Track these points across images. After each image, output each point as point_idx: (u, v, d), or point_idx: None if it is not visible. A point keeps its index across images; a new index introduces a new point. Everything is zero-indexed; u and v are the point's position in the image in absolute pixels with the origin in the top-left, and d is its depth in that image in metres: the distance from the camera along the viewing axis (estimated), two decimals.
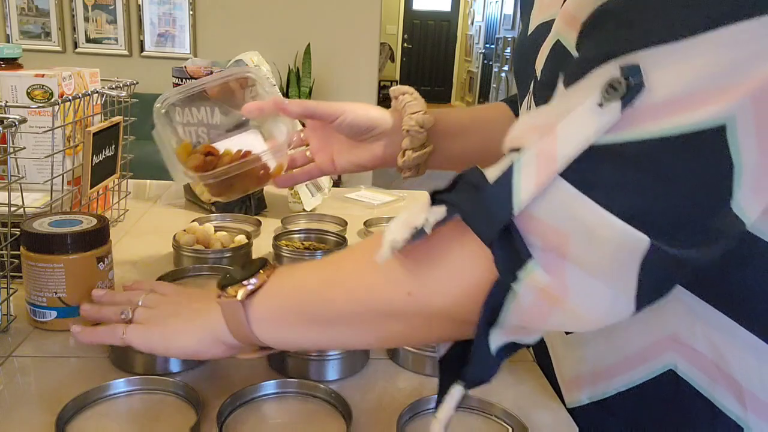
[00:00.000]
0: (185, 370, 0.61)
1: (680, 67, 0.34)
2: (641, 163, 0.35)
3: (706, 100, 0.34)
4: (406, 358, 0.64)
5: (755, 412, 0.50)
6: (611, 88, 0.35)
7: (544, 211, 0.36)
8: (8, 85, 0.81)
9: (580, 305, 0.37)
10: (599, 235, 0.36)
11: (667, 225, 0.36)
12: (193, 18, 3.77)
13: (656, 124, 0.35)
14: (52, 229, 0.65)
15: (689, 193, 0.36)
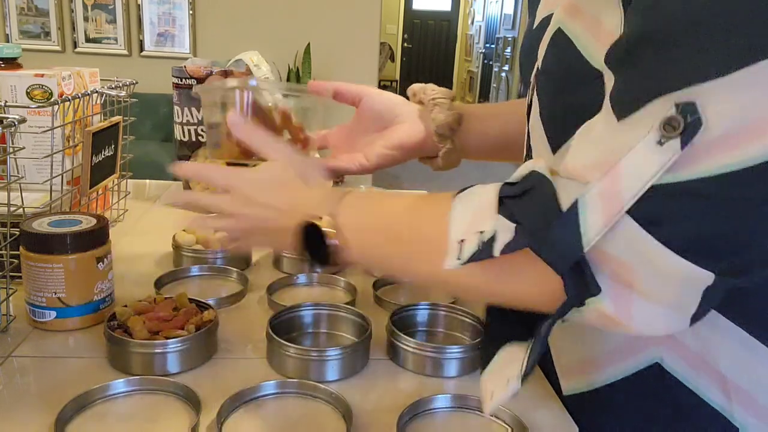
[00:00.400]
0: (185, 371, 0.61)
1: (734, 100, 0.34)
2: (706, 199, 0.36)
3: (763, 131, 0.34)
4: (406, 358, 0.64)
5: (740, 404, 0.50)
6: (669, 126, 0.36)
7: (612, 247, 0.38)
8: (8, 84, 0.81)
9: (641, 328, 0.41)
10: (665, 271, 0.38)
11: (735, 258, 0.38)
12: (193, 18, 3.77)
13: (717, 159, 0.35)
14: (51, 229, 0.65)
15: (753, 224, 0.37)
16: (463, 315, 0.72)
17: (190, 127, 1.09)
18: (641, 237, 0.37)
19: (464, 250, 0.43)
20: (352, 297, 0.78)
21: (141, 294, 0.76)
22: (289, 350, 0.61)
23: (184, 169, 0.63)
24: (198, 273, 0.84)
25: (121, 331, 0.61)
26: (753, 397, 0.51)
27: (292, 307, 0.70)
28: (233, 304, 0.76)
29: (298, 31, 3.75)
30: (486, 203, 0.44)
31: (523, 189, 0.42)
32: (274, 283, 0.80)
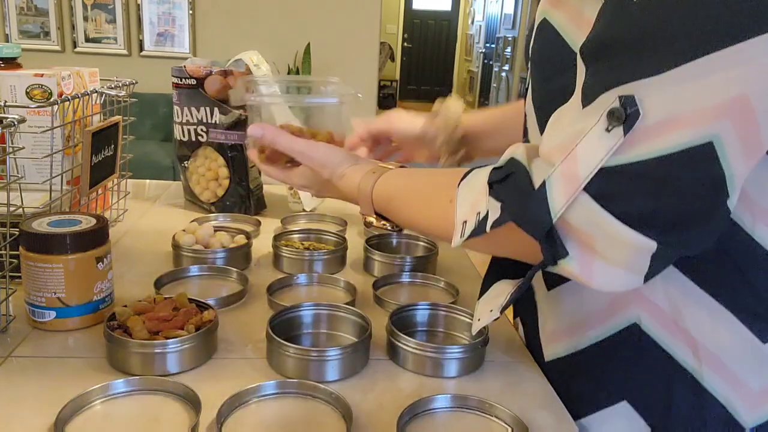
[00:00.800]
0: (184, 371, 0.61)
1: (666, 94, 0.41)
2: (645, 178, 0.43)
3: (691, 122, 0.41)
4: (406, 358, 0.64)
5: (709, 367, 0.54)
6: (613, 116, 0.43)
7: (574, 219, 0.45)
8: (7, 84, 0.81)
9: (601, 285, 0.47)
10: (617, 239, 0.44)
11: (674, 228, 0.44)
12: (193, 17, 3.77)
13: (652, 145, 0.42)
14: (51, 229, 0.65)
15: (691, 201, 0.43)
16: (463, 315, 0.72)
17: (189, 126, 1.09)
18: (596, 210, 0.44)
19: (466, 230, 0.52)
20: (352, 297, 0.78)
21: (141, 294, 0.76)
22: (289, 350, 0.61)
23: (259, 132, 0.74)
24: (198, 273, 0.84)
25: (121, 331, 0.61)
26: (721, 361, 0.54)
27: (292, 307, 0.70)
28: (233, 304, 0.76)
29: (298, 31, 3.75)
30: (481, 187, 0.52)
31: (505, 174, 0.50)
32: (274, 283, 0.79)
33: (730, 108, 0.40)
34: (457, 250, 1.02)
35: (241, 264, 0.88)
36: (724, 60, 0.39)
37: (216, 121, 1.07)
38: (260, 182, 1.13)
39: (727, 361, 0.54)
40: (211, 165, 1.09)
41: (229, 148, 1.07)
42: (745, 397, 0.54)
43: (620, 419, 0.59)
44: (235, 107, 0.87)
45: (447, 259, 0.96)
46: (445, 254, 0.97)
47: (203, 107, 1.07)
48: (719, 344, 0.53)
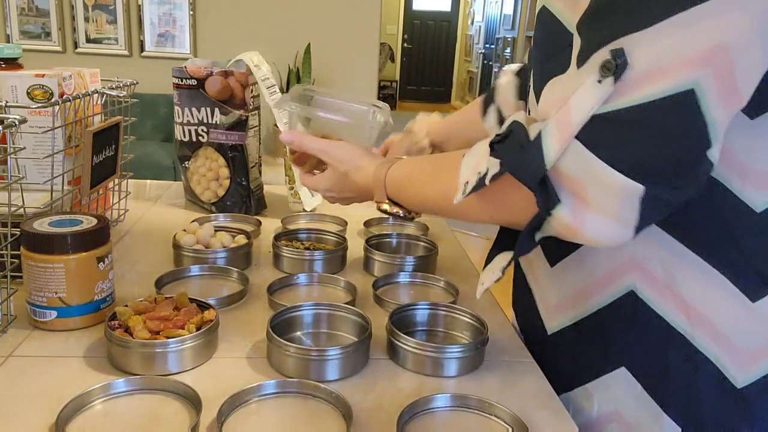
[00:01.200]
0: (185, 370, 0.61)
1: (653, 46, 0.45)
2: (633, 125, 0.46)
3: (674, 70, 0.44)
4: (406, 358, 0.64)
5: (701, 329, 0.56)
6: (605, 68, 0.46)
7: (566, 166, 0.48)
8: (8, 85, 0.81)
9: (592, 235, 0.50)
10: (606, 184, 0.47)
11: (660, 173, 0.47)
12: (193, 18, 3.77)
13: (639, 92, 0.45)
14: (52, 229, 0.65)
15: (675, 147, 0.46)
16: (462, 315, 0.73)
17: (190, 127, 1.09)
18: (587, 156, 0.47)
19: (467, 188, 0.56)
20: (352, 297, 0.78)
21: (141, 294, 0.76)
22: (289, 350, 0.61)
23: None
24: (198, 273, 0.84)
25: (122, 331, 0.62)
26: (712, 323, 0.55)
27: (292, 307, 0.70)
28: (233, 303, 0.77)
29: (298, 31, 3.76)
30: (483, 151, 0.56)
31: (505, 134, 0.53)
32: (274, 283, 0.80)
33: (708, 57, 0.44)
34: (458, 250, 1.02)
35: (241, 264, 0.88)
36: (701, 13, 0.43)
37: (216, 121, 1.07)
38: (261, 182, 1.13)
39: (718, 323, 0.55)
40: (211, 165, 1.10)
41: (230, 148, 1.07)
42: (736, 358, 0.56)
43: (619, 385, 0.61)
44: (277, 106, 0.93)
45: (447, 259, 0.96)
46: (445, 254, 0.98)
47: (204, 108, 1.07)
48: (711, 306, 0.55)
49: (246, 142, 1.07)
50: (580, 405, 0.65)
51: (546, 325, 0.68)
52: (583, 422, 0.63)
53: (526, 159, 0.50)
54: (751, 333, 0.55)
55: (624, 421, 0.62)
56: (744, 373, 0.56)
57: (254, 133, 1.09)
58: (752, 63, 0.45)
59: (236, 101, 1.05)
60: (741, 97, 0.46)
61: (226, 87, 1.05)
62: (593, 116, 0.47)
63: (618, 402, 0.62)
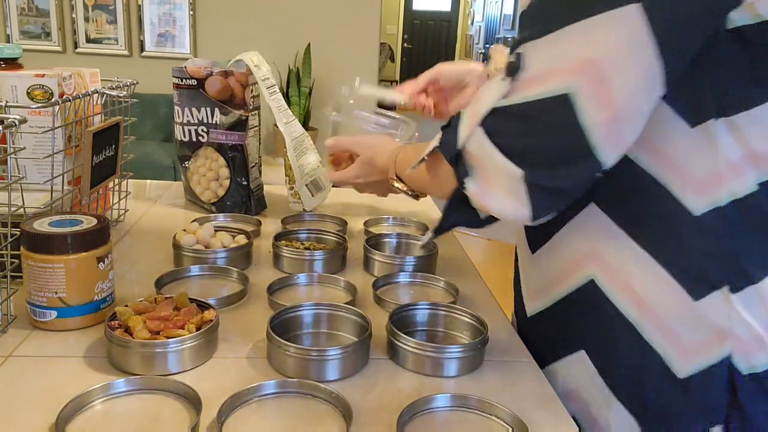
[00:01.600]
0: (185, 371, 0.61)
1: (543, 54, 0.53)
2: (520, 119, 0.55)
3: (552, 76, 0.52)
4: (406, 358, 0.64)
5: (649, 319, 0.60)
6: (508, 68, 0.56)
7: (471, 147, 0.58)
8: (8, 85, 0.82)
9: (493, 208, 0.59)
10: (496, 164, 0.56)
11: (537, 161, 0.55)
12: (193, 18, 3.77)
13: (527, 91, 0.54)
14: (52, 229, 0.65)
15: (552, 141, 0.54)
16: (462, 315, 0.73)
17: (190, 127, 1.09)
18: (485, 141, 0.56)
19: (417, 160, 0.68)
20: (352, 297, 0.78)
21: (141, 294, 0.76)
22: (289, 350, 0.61)
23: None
24: (198, 273, 0.84)
25: (122, 331, 0.62)
26: (659, 315, 0.59)
27: (292, 307, 0.70)
28: (233, 303, 0.77)
29: (298, 31, 3.75)
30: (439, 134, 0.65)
31: (450, 119, 0.63)
32: (274, 283, 0.80)
33: (582, 68, 0.51)
34: (458, 250, 1.02)
35: (241, 264, 0.88)
36: (581, 29, 0.51)
37: (216, 121, 1.07)
38: (261, 182, 1.13)
39: (664, 316, 0.59)
40: (211, 165, 1.10)
41: (230, 148, 1.07)
42: (679, 350, 0.59)
43: (578, 366, 0.66)
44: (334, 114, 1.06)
45: (447, 259, 0.96)
46: (445, 254, 0.98)
47: (204, 108, 1.07)
48: (657, 300, 0.59)
49: (246, 142, 1.07)
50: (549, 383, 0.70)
51: (526, 308, 0.74)
52: None
53: (447, 139, 0.61)
54: (693, 328, 0.58)
55: (581, 400, 0.66)
56: (686, 365, 0.59)
57: (254, 133, 1.09)
58: (623, 76, 0.51)
59: (236, 101, 1.05)
60: (615, 106, 0.51)
61: (226, 87, 1.05)
62: (493, 108, 0.56)
63: (577, 382, 0.67)
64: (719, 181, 0.55)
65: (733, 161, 0.54)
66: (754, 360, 0.58)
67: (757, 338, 0.57)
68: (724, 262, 0.57)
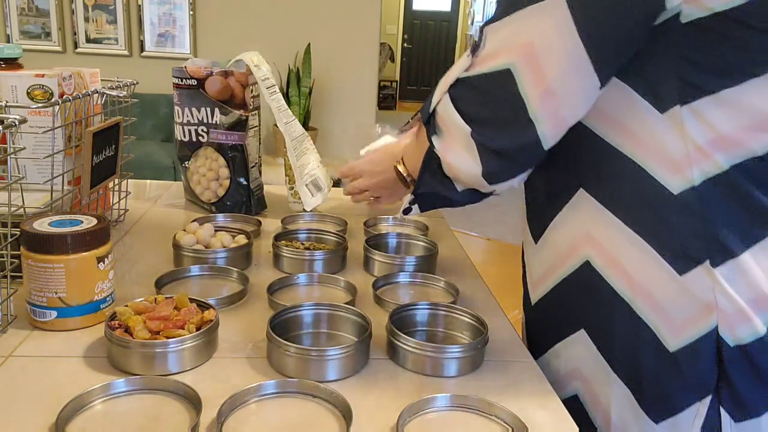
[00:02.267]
0: (185, 371, 0.61)
1: (496, 34, 0.62)
2: (475, 88, 0.64)
3: (500, 54, 0.61)
4: (406, 358, 0.64)
5: (641, 296, 0.63)
6: (473, 46, 0.65)
7: (439, 110, 0.68)
8: (8, 85, 0.81)
9: (452, 162, 0.68)
10: (455, 123, 0.66)
11: (483, 122, 0.64)
12: (193, 18, 3.77)
13: (482, 66, 0.63)
14: (52, 229, 0.65)
15: (497, 107, 0.63)
16: (462, 315, 0.73)
17: (190, 127, 1.09)
18: (449, 106, 0.66)
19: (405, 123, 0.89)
20: (352, 297, 0.78)
21: (141, 294, 0.76)
22: (289, 350, 0.61)
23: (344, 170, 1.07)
24: (198, 273, 0.84)
25: (122, 331, 0.62)
26: (650, 292, 0.63)
27: (292, 307, 0.70)
28: (233, 303, 0.77)
29: (298, 31, 3.75)
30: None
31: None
32: (274, 283, 0.80)
33: (518, 49, 0.60)
34: (458, 250, 1.02)
35: (241, 264, 0.88)
36: (523, 15, 0.59)
37: (216, 121, 1.07)
38: (261, 182, 1.13)
39: (654, 292, 0.62)
40: (211, 165, 1.10)
41: (230, 148, 1.07)
42: (669, 324, 0.62)
43: (579, 345, 0.70)
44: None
45: (447, 259, 0.96)
46: (445, 254, 0.98)
47: (204, 108, 1.07)
48: (648, 278, 0.62)
49: (246, 142, 1.07)
50: (552, 364, 0.74)
51: (531, 297, 0.77)
52: (552, 379, 0.68)
53: (425, 105, 0.71)
54: (680, 303, 0.61)
55: (584, 378, 0.70)
56: (676, 339, 0.62)
57: (254, 133, 1.09)
58: (553, 57, 0.58)
59: (236, 101, 1.05)
60: (550, 83, 0.59)
61: (226, 87, 1.05)
62: (457, 79, 0.65)
63: (579, 361, 0.70)
64: (690, 162, 0.59)
65: (701, 144, 0.58)
66: (738, 332, 0.60)
67: (740, 311, 0.60)
68: (704, 238, 0.60)
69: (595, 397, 0.69)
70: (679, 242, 0.61)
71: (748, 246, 0.60)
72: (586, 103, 0.61)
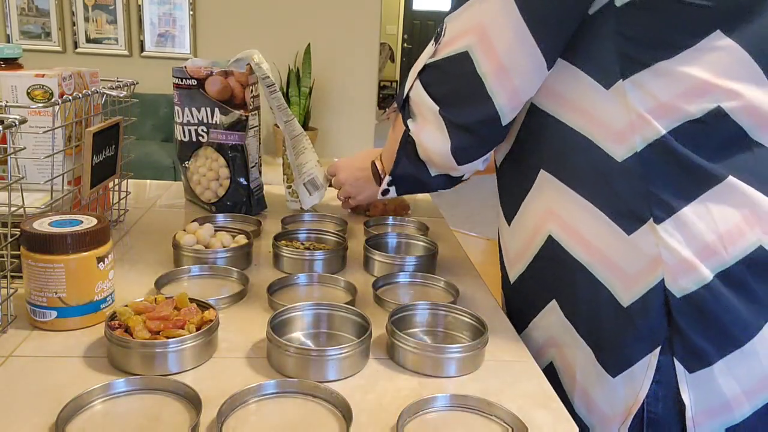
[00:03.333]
0: (185, 371, 0.61)
1: (454, 23, 0.71)
2: (440, 70, 0.73)
3: (457, 39, 0.71)
4: (406, 358, 0.64)
5: (595, 258, 0.69)
6: (436, 35, 0.75)
7: (412, 94, 0.78)
8: (8, 85, 0.81)
9: (424, 142, 0.78)
10: (424, 103, 0.75)
11: (448, 100, 0.74)
12: (193, 18, 3.77)
13: (444, 52, 0.72)
14: (52, 229, 0.65)
15: (458, 85, 0.72)
16: (462, 315, 0.73)
17: (190, 127, 1.09)
18: (421, 90, 0.76)
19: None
20: (352, 297, 0.78)
21: (141, 294, 0.76)
22: (289, 350, 0.61)
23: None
24: (198, 273, 0.84)
25: (122, 331, 0.62)
26: (603, 254, 0.68)
27: (292, 307, 0.70)
28: (233, 303, 0.77)
29: (298, 31, 3.75)
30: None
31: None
32: (274, 283, 0.80)
33: (472, 32, 0.69)
34: (458, 250, 1.02)
35: (241, 264, 0.88)
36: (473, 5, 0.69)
37: (216, 121, 1.07)
38: (261, 182, 1.13)
39: (607, 253, 0.68)
40: (211, 165, 1.10)
41: (230, 148, 1.07)
42: (622, 281, 0.67)
43: (551, 315, 0.75)
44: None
45: (447, 259, 0.96)
46: (445, 254, 0.98)
47: (204, 108, 1.07)
48: (601, 241, 0.68)
49: (246, 142, 1.07)
50: (531, 337, 0.79)
51: (509, 275, 0.83)
52: (533, 351, 0.73)
53: (400, 93, 0.79)
54: (631, 260, 0.66)
55: (557, 345, 0.75)
56: (628, 294, 0.67)
57: (254, 133, 1.09)
58: (500, 35, 0.67)
59: (236, 101, 1.05)
60: (501, 59, 0.68)
61: (226, 87, 1.05)
62: (424, 65, 0.75)
63: (552, 330, 0.75)
64: (633, 130, 0.64)
65: (642, 113, 0.64)
66: (683, 282, 0.64)
67: (683, 261, 0.64)
68: (647, 198, 0.65)
69: (565, 360, 0.74)
70: (625, 204, 0.66)
71: (687, 201, 0.64)
72: (536, 78, 0.69)
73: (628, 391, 0.68)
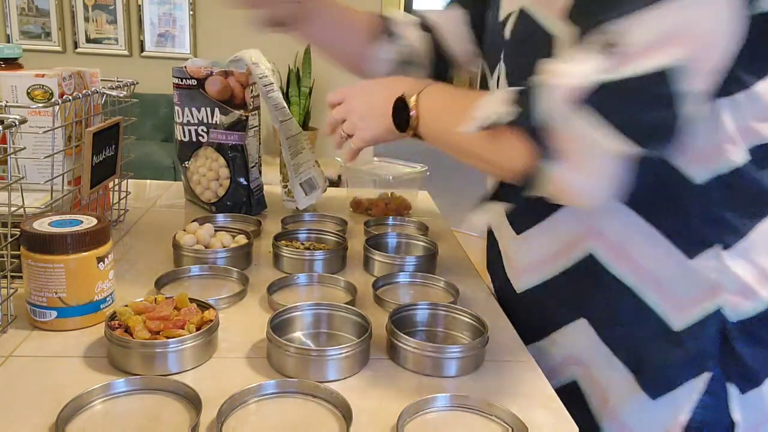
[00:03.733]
0: (185, 371, 0.61)
1: (638, 30, 0.53)
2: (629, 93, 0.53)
3: (661, 48, 0.52)
4: (406, 358, 0.64)
5: (647, 282, 0.66)
6: (606, 45, 0.53)
7: (570, 130, 0.55)
8: (8, 85, 0.82)
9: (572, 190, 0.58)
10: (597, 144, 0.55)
11: (661, 137, 0.56)
12: (193, 18, 3.77)
13: (635, 66, 0.53)
14: (52, 229, 0.65)
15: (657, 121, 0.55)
16: (462, 315, 0.73)
17: (190, 127, 1.09)
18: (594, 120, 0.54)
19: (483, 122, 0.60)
20: (352, 297, 0.78)
21: (141, 294, 0.76)
22: (289, 350, 0.61)
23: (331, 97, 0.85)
24: (198, 273, 0.84)
25: (122, 331, 0.62)
26: (657, 278, 0.65)
27: (292, 307, 0.70)
28: (233, 304, 0.77)
29: None
30: (501, 98, 0.61)
31: (527, 89, 0.58)
32: (274, 283, 0.80)
33: (686, 42, 0.52)
34: (458, 250, 1.02)
35: (241, 264, 0.88)
36: (678, 5, 0.52)
37: (216, 121, 1.07)
38: (261, 182, 1.13)
39: (661, 277, 0.65)
40: (211, 165, 1.10)
41: (230, 148, 1.07)
42: (675, 305, 0.65)
43: (579, 333, 0.72)
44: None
45: (447, 259, 0.96)
46: (445, 254, 0.98)
47: (204, 108, 1.07)
48: (655, 263, 0.65)
49: (246, 142, 1.07)
50: (547, 351, 0.76)
51: (514, 286, 0.79)
52: (548, 366, 0.72)
53: (527, 113, 0.56)
54: (687, 285, 0.64)
55: (582, 364, 0.73)
56: (681, 318, 0.65)
57: (254, 133, 1.09)
58: (716, 49, 0.54)
59: (236, 101, 1.05)
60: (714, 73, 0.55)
61: (226, 87, 1.05)
62: (601, 84, 0.53)
63: (578, 348, 0.73)
64: (720, 152, 0.61)
65: (731, 135, 0.61)
66: (741, 309, 0.64)
67: (744, 288, 0.63)
68: (720, 222, 0.63)
69: (594, 381, 0.72)
70: (694, 228, 0.63)
71: (753, 227, 0.63)
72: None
73: (667, 413, 0.66)
